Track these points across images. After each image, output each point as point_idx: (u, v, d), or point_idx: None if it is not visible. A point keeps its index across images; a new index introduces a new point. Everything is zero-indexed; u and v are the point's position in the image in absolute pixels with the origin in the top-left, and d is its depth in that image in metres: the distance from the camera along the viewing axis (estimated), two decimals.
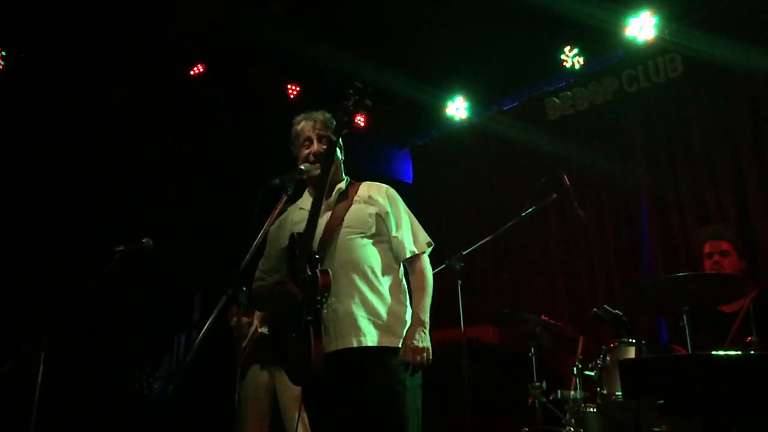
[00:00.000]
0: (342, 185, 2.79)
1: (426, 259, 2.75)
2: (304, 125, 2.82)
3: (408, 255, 2.70)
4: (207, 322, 2.29)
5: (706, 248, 4.04)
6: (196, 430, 5.42)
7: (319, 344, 2.39)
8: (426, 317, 2.59)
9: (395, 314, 2.59)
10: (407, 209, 2.82)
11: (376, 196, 2.76)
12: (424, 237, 2.79)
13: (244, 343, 3.99)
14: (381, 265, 2.63)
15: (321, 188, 2.62)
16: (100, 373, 5.59)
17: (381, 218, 2.69)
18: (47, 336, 3.21)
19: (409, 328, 2.56)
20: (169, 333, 6.35)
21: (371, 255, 2.62)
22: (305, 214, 2.63)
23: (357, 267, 2.57)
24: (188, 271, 6.29)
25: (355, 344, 2.48)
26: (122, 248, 3.44)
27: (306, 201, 2.79)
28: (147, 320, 6.01)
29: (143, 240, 3.49)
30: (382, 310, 2.55)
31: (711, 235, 4.09)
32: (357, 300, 2.53)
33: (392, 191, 2.83)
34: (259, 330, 3.99)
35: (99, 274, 3.31)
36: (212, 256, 5.82)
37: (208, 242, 6.16)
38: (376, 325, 2.52)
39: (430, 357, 2.50)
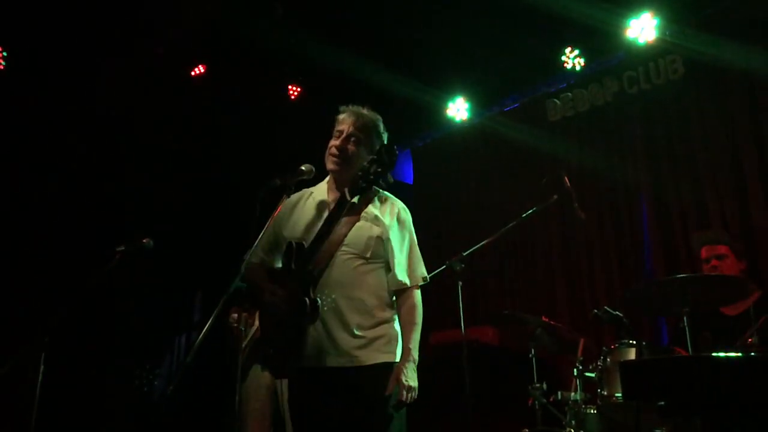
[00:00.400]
0: (355, 198, 2.67)
1: (418, 294, 2.66)
2: (345, 117, 2.72)
3: (398, 286, 2.63)
4: (207, 322, 2.29)
5: (703, 253, 4.04)
6: (196, 431, 5.41)
7: (295, 361, 2.42)
8: (416, 353, 2.56)
9: (383, 334, 2.54)
10: (413, 237, 2.73)
11: (384, 216, 2.66)
12: (420, 271, 2.69)
13: (245, 343, 3.98)
14: (373, 287, 2.57)
15: (339, 207, 2.55)
16: (101, 373, 5.59)
17: (381, 241, 2.60)
18: (48, 336, 3.21)
19: (399, 362, 2.52)
20: (170, 333, 6.36)
21: (364, 277, 2.56)
22: (313, 213, 2.63)
23: (348, 289, 2.52)
24: (189, 271, 6.30)
25: (333, 365, 2.47)
26: (123, 248, 3.45)
27: (322, 191, 2.74)
28: (147, 320, 6.01)
29: (144, 240, 3.49)
30: (369, 332, 2.51)
31: (706, 240, 4.08)
32: (343, 322, 2.49)
33: (404, 214, 2.73)
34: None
35: (99, 274, 3.32)
36: (213, 256, 5.82)
37: (208, 242, 6.17)
38: (360, 347, 2.48)
39: (415, 396, 2.49)
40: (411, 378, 2.48)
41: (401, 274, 2.62)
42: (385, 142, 2.72)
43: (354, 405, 2.44)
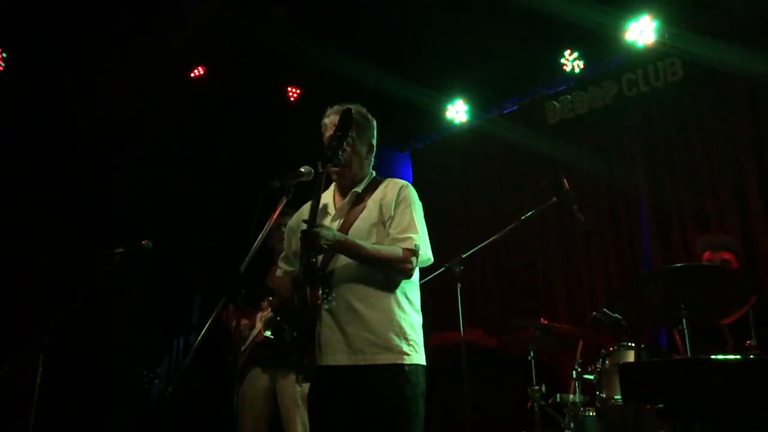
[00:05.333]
0: (359, 188, 2.69)
1: (405, 254, 2.49)
2: (330, 120, 2.70)
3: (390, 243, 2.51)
4: (206, 324, 2.29)
5: (707, 255, 4.02)
6: None
7: (310, 356, 2.41)
8: (348, 240, 2.46)
9: (394, 330, 2.48)
10: (416, 214, 2.61)
11: (387, 196, 2.62)
12: (412, 237, 2.52)
13: (244, 346, 3.98)
14: (381, 278, 2.52)
15: (328, 194, 2.58)
16: (100, 375, 5.59)
17: (383, 226, 2.58)
18: (46, 337, 3.21)
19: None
20: (169, 335, 6.34)
21: (371, 269, 2.51)
22: (323, 213, 2.61)
23: (355, 283, 2.50)
24: (188, 273, 6.29)
25: (347, 362, 2.45)
26: (121, 250, 3.45)
27: (328, 195, 2.72)
28: (146, 322, 6.00)
29: (143, 242, 3.50)
30: (379, 328, 2.46)
31: (713, 245, 4.06)
32: (351, 318, 2.47)
33: (408, 191, 2.66)
34: (263, 333, 3.98)
35: (99, 276, 3.31)
36: (212, 258, 5.81)
37: (208, 244, 6.16)
38: (371, 344, 2.44)
39: (316, 236, 2.37)
40: (327, 233, 2.41)
41: (390, 235, 2.54)
42: (375, 129, 2.76)
43: (368, 408, 2.42)
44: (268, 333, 3.90)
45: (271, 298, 3.89)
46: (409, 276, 2.56)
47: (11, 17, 5.26)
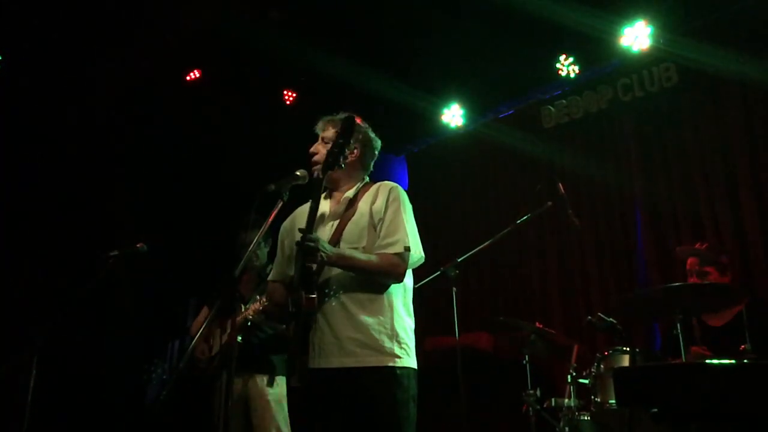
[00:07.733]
0: (350, 192, 2.71)
1: (395, 258, 2.51)
2: (320, 125, 2.81)
3: (378, 249, 2.52)
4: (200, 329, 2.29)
5: (687, 264, 4.01)
6: None
7: (303, 360, 2.39)
8: (343, 254, 2.47)
9: (386, 333, 2.49)
10: (405, 215, 2.63)
11: (378, 199, 2.65)
12: (401, 239, 2.54)
13: (215, 351, 3.96)
14: (374, 282, 2.53)
15: (323, 196, 2.56)
16: (93, 379, 5.57)
17: (373, 228, 2.59)
18: (41, 340, 3.20)
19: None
20: (163, 339, 6.32)
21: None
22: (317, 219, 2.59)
23: (349, 287, 2.51)
24: (183, 276, 6.28)
25: (337, 365, 2.45)
26: (116, 253, 3.44)
27: (324, 204, 2.72)
28: (141, 325, 5.98)
29: (138, 245, 3.49)
30: (371, 330, 2.47)
31: (693, 254, 4.05)
32: (344, 320, 2.48)
33: (396, 192, 2.69)
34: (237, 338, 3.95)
35: (94, 279, 3.31)
36: (207, 261, 5.80)
37: (203, 248, 6.15)
38: (363, 345, 2.45)
39: (315, 249, 2.35)
40: (324, 246, 2.41)
41: (380, 239, 2.55)
42: (372, 140, 2.81)
43: (359, 411, 2.42)
44: (238, 338, 3.87)
45: (243, 305, 3.87)
46: (401, 280, 2.57)
47: (8, 18, 5.25)
